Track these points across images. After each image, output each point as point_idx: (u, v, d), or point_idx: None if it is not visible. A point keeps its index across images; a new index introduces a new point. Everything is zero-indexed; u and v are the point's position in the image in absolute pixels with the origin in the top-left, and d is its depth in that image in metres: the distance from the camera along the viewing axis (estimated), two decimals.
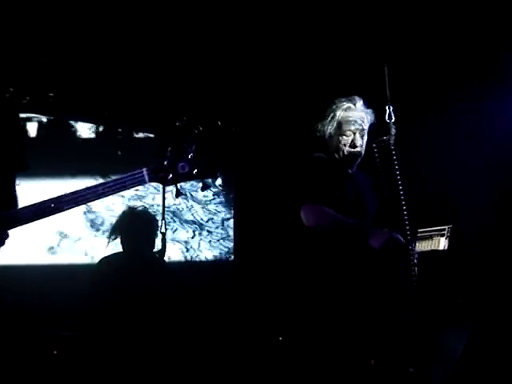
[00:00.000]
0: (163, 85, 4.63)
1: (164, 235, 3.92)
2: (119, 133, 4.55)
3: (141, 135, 4.65)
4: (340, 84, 4.04)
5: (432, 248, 3.97)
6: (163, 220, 3.94)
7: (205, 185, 2.10)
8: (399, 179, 2.93)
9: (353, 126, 2.96)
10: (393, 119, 3.06)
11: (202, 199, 4.87)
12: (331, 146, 3.04)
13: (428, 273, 3.45)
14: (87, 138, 4.40)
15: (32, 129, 4.19)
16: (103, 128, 4.50)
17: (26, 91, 4.10)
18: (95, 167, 4.20)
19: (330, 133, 3.02)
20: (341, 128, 2.98)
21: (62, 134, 4.33)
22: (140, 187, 4.28)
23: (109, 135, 4.52)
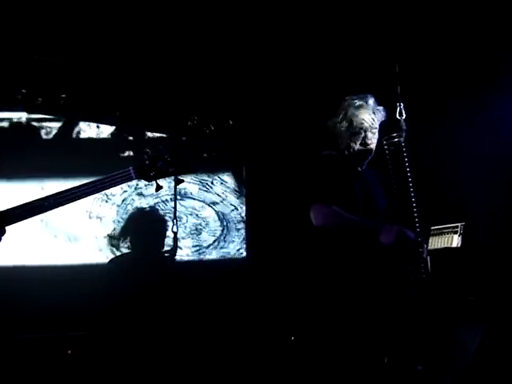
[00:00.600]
0: (174, 85, 4.64)
1: (176, 234, 3.93)
2: (130, 133, 4.56)
3: (153, 135, 4.65)
4: (350, 81, 4.03)
5: (445, 245, 3.95)
6: (175, 219, 3.94)
7: (158, 186, 2.58)
8: (410, 176, 2.92)
9: (364, 125, 2.95)
10: (404, 116, 3.05)
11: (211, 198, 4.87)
12: (342, 144, 3.03)
13: (441, 270, 3.44)
14: (98, 139, 4.42)
15: (42, 130, 4.22)
16: (114, 128, 4.51)
17: (38, 92, 4.13)
18: (109, 166, 4.21)
19: (341, 131, 3.01)
20: (352, 126, 2.97)
21: (73, 135, 4.35)
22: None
23: (120, 135, 4.53)
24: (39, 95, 4.15)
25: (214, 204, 4.89)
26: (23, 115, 4.13)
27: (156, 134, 4.52)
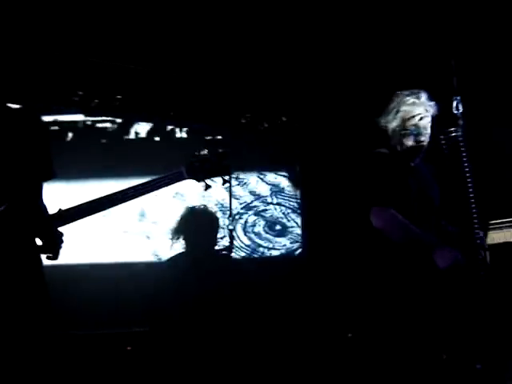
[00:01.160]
0: (228, 83, 4.67)
1: (232, 232, 3.95)
2: (182, 133, 4.61)
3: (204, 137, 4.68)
4: (403, 77, 3.98)
5: (505, 240, 3.87)
6: (230, 217, 3.95)
7: (207, 185, 2.68)
8: (468, 170, 2.87)
9: (417, 121, 2.92)
10: (460, 110, 3.00)
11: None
12: (394, 140, 2.99)
13: (501, 265, 3.37)
14: (151, 140, 4.50)
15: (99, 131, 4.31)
16: (169, 129, 4.57)
17: (94, 94, 4.23)
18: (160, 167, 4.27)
19: (394, 127, 2.98)
20: (405, 123, 2.94)
21: (128, 136, 4.43)
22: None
23: (173, 136, 4.59)
24: (95, 97, 4.25)
25: (268, 202, 4.89)
26: (80, 117, 4.24)
27: (207, 136, 4.54)
